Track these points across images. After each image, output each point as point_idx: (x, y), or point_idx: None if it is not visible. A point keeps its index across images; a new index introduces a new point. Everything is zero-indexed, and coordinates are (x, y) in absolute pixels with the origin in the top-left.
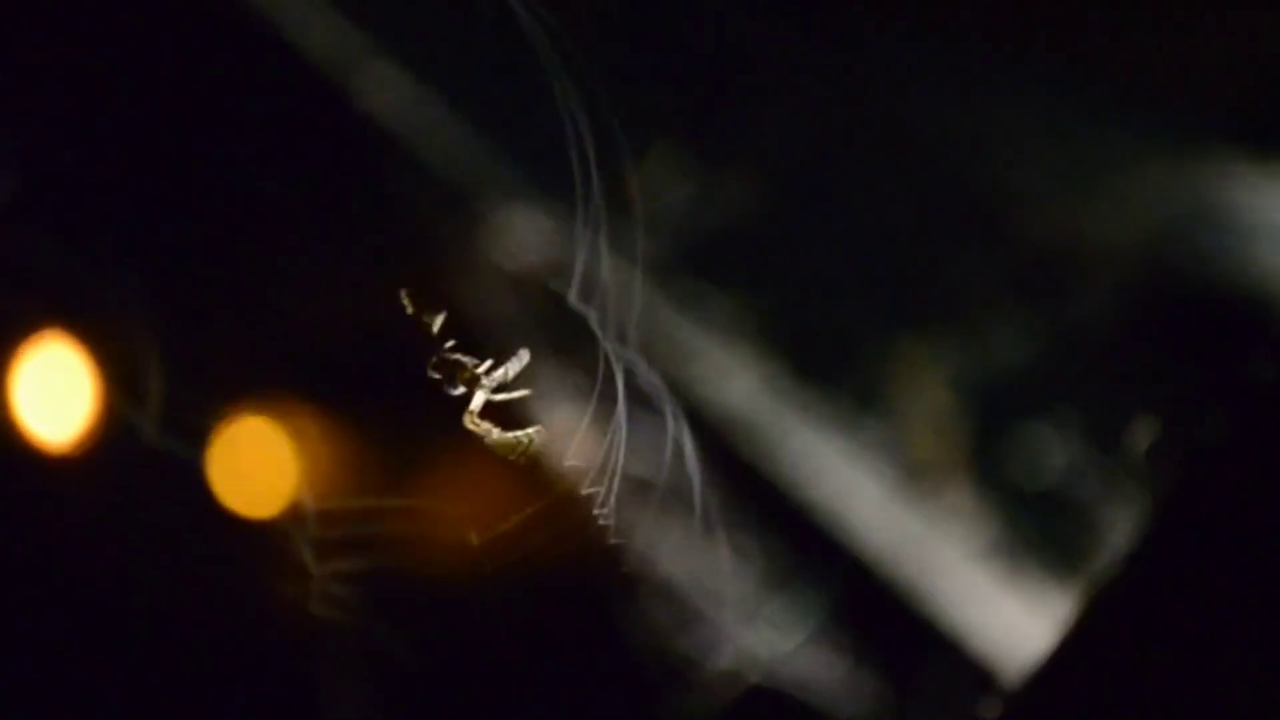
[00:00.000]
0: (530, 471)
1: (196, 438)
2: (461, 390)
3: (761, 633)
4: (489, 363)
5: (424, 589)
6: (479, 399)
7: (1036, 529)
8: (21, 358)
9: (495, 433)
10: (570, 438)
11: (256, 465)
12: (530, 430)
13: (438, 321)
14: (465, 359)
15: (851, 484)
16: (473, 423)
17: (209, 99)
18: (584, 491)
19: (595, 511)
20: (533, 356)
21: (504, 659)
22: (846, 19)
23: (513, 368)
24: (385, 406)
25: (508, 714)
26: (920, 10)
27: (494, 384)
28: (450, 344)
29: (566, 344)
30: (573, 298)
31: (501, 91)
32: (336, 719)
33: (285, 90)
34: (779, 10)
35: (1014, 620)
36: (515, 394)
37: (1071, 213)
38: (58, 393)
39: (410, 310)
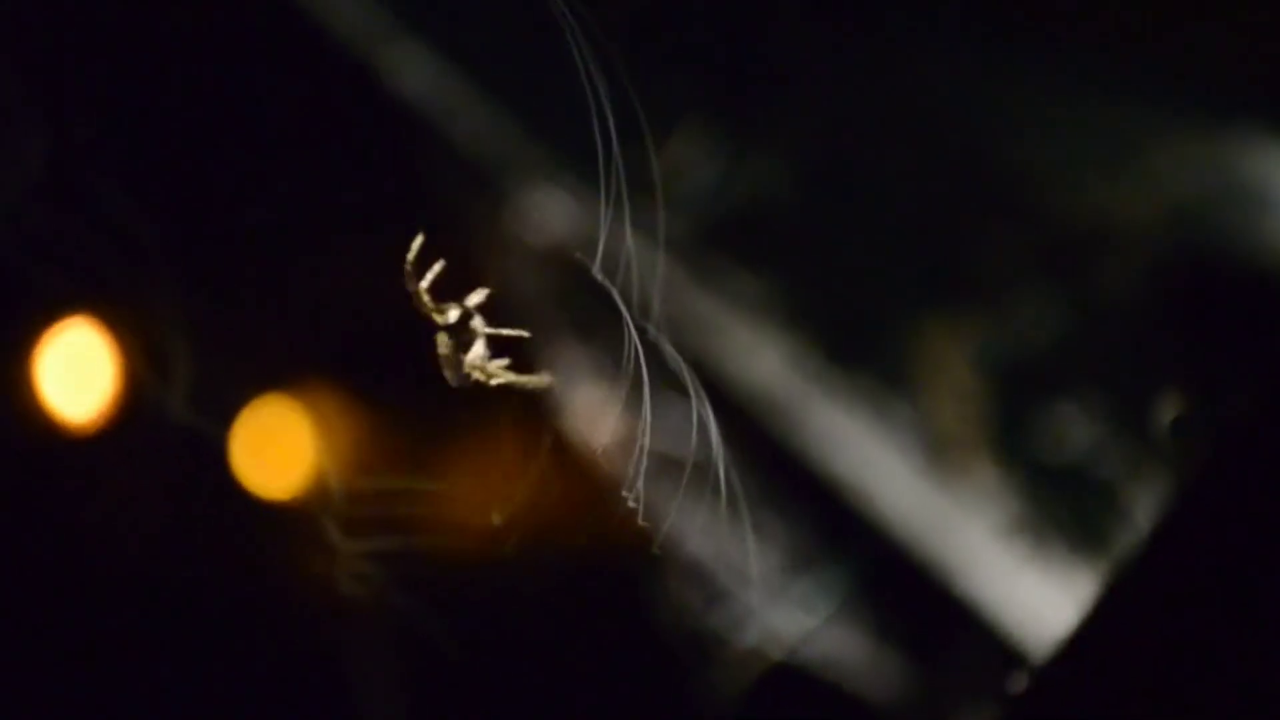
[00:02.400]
0: (555, 449)
1: (223, 417)
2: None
3: (787, 611)
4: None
5: (450, 568)
6: (478, 347)
7: (1062, 506)
8: (47, 337)
9: (503, 373)
10: (596, 416)
11: (281, 445)
12: (540, 375)
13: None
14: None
15: (877, 461)
16: (479, 370)
17: (236, 79)
18: (610, 470)
19: (622, 490)
20: (558, 335)
21: (529, 637)
22: (872, 1)
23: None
24: (411, 386)
25: (533, 692)
26: None
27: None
28: (426, 284)
29: (592, 322)
30: (597, 273)
31: (528, 71)
32: (364, 697)
33: (312, 70)
34: None
35: (1039, 597)
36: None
37: (1097, 190)
38: (83, 372)
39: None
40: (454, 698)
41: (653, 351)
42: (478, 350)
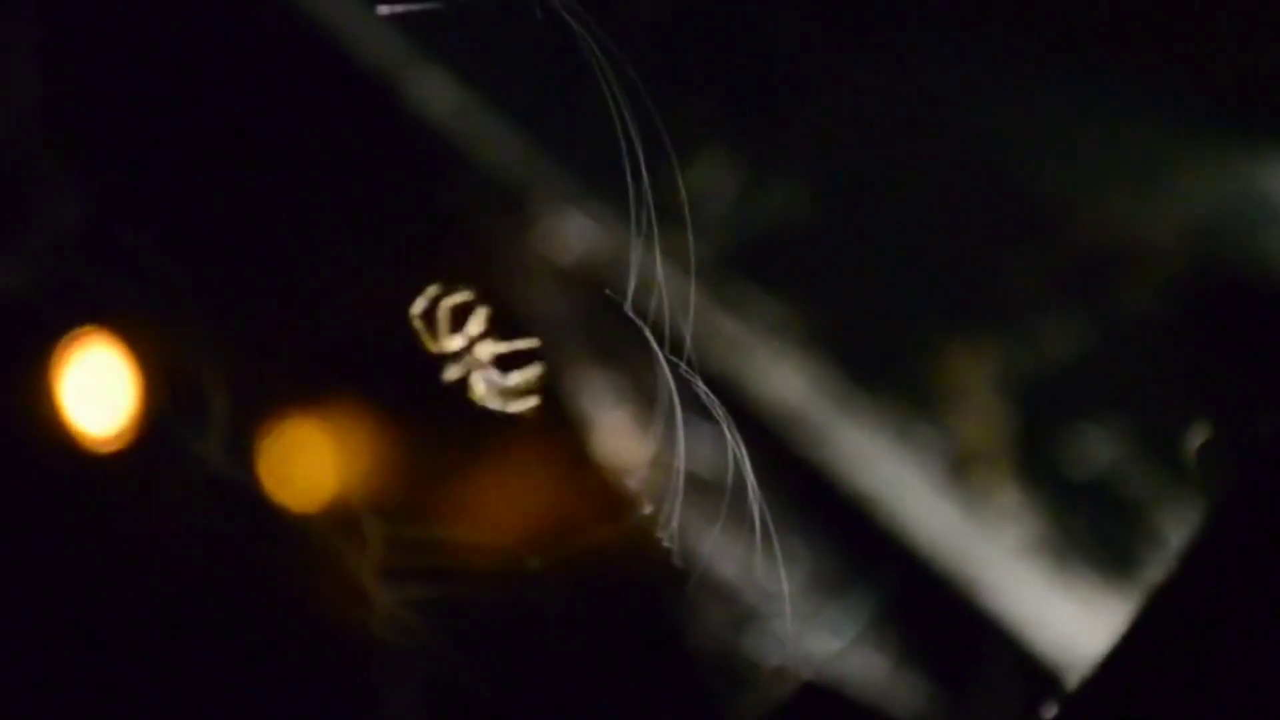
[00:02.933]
0: (583, 472)
1: (249, 442)
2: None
3: (814, 631)
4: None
5: (482, 602)
6: (484, 378)
7: (1087, 527)
8: (70, 356)
9: (495, 382)
10: (623, 439)
11: (307, 468)
12: (532, 370)
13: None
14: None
15: (902, 482)
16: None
17: (261, 104)
18: (638, 494)
19: (652, 514)
20: (584, 360)
21: (558, 660)
22: (893, 22)
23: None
24: (439, 411)
25: (564, 715)
26: (967, 12)
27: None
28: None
29: (619, 347)
30: (627, 307)
31: (551, 96)
32: None
33: (337, 95)
34: (826, 14)
35: (1064, 618)
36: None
37: (1121, 210)
38: (105, 392)
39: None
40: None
41: (684, 383)
42: (482, 383)
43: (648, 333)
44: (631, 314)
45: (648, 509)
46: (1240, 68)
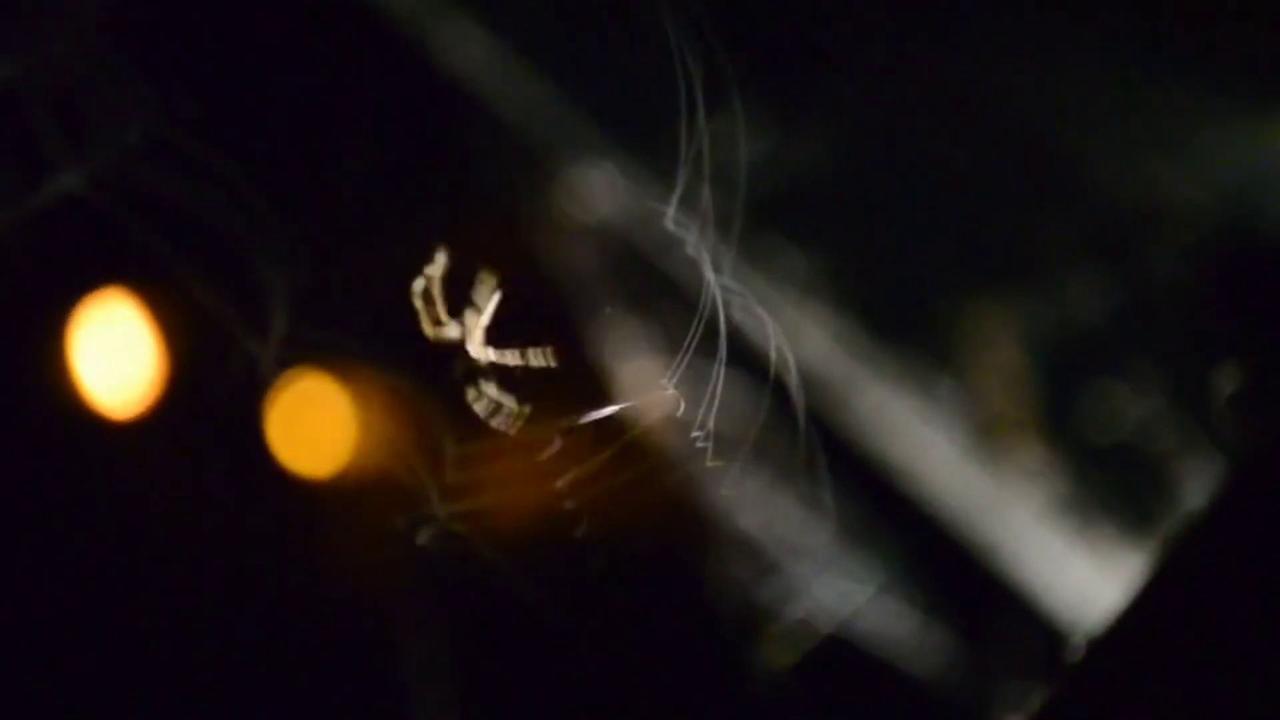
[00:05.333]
0: (611, 423)
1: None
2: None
3: (836, 585)
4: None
5: (523, 532)
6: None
7: (1109, 487)
8: (81, 320)
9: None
10: (653, 391)
11: (319, 426)
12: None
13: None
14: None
15: (925, 440)
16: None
17: (284, 58)
18: (664, 443)
19: (686, 464)
20: (613, 311)
21: (581, 611)
22: None
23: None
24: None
25: (584, 662)
26: None
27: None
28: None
29: (648, 297)
30: (670, 223)
31: (581, 47)
32: (417, 679)
33: (361, 46)
34: None
35: (1086, 577)
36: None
37: (1147, 170)
38: (120, 356)
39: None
40: (504, 666)
41: (727, 317)
42: (482, 397)
43: (693, 247)
44: (675, 229)
45: (675, 457)
46: (1271, 31)
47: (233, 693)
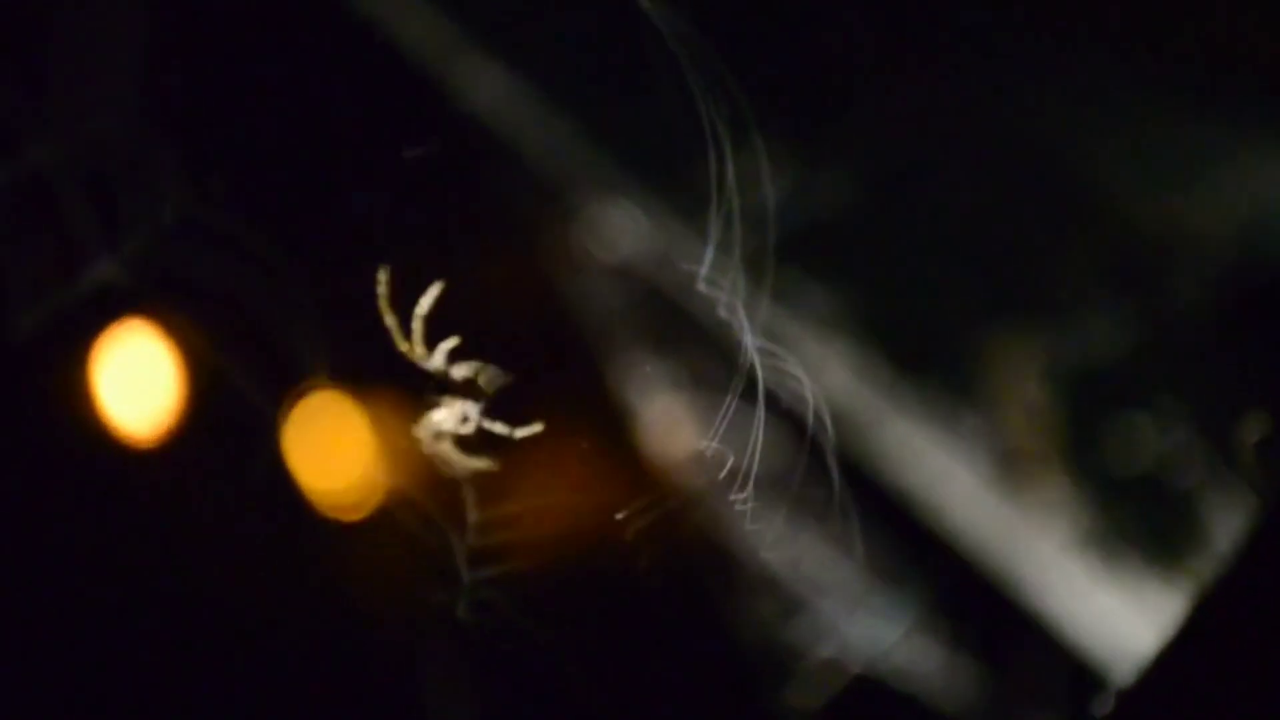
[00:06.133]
0: (630, 466)
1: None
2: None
3: (863, 624)
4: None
5: (554, 580)
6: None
7: (1133, 519)
8: (106, 346)
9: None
10: (675, 428)
11: (339, 449)
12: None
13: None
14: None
15: (948, 474)
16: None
17: (304, 94)
18: (690, 481)
19: (710, 503)
20: (633, 348)
21: (609, 648)
22: (945, 18)
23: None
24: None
25: (614, 702)
26: (1017, 7)
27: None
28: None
29: (668, 336)
30: (702, 284)
31: (603, 85)
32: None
33: (382, 85)
34: (879, 7)
35: (1111, 611)
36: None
37: (1169, 202)
38: (145, 381)
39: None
40: (527, 706)
41: (753, 365)
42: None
43: (726, 306)
44: (707, 291)
45: (699, 496)
46: None
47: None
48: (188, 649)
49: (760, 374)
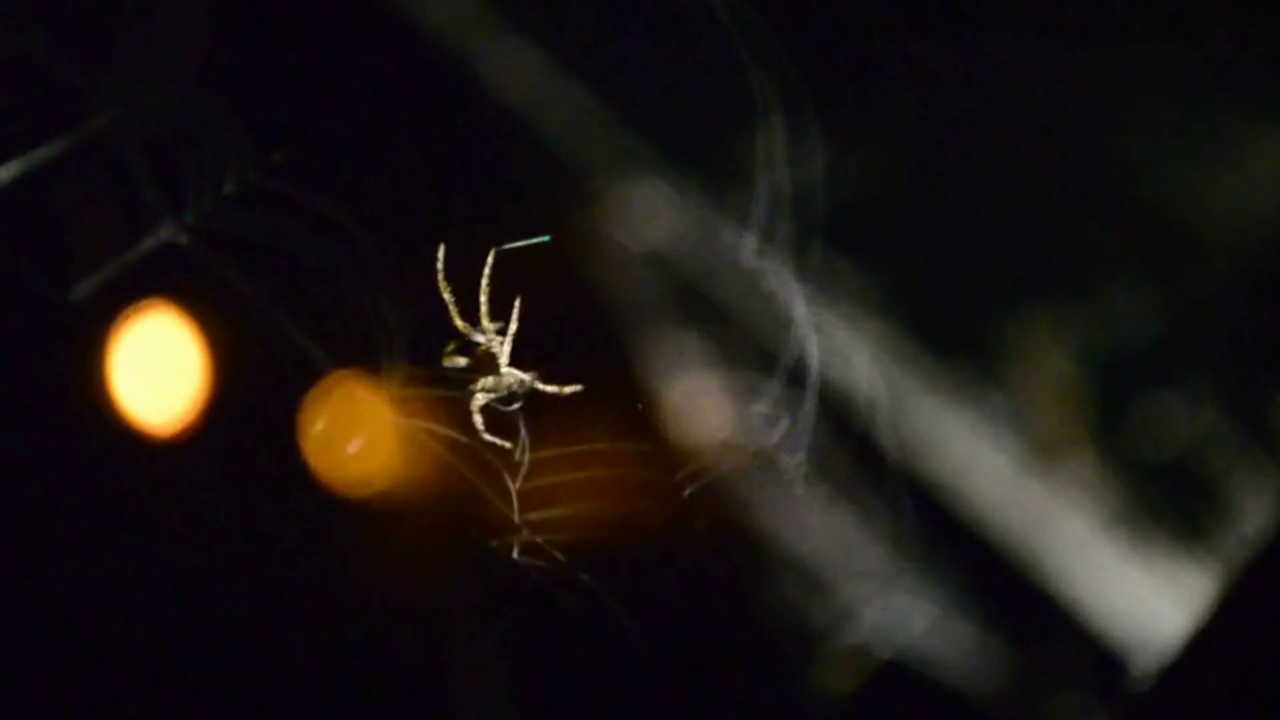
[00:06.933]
0: (660, 451)
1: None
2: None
3: (891, 608)
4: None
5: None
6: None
7: (1163, 501)
8: (126, 340)
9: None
10: (704, 408)
11: (375, 439)
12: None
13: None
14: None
15: (977, 457)
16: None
17: (330, 80)
18: (714, 461)
19: (726, 480)
20: (661, 333)
21: (635, 634)
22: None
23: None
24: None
25: (641, 688)
26: None
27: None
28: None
29: (703, 317)
30: (748, 257)
31: (633, 66)
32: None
33: (408, 68)
34: None
35: (1140, 594)
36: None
37: (1198, 184)
38: (164, 375)
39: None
40: (558, 681)
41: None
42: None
43: (776, 284)
44: (755, 265)
45: (724, 477)
46: None
47: (279, 711)
48: (218, 635)
49: (811, 350)
